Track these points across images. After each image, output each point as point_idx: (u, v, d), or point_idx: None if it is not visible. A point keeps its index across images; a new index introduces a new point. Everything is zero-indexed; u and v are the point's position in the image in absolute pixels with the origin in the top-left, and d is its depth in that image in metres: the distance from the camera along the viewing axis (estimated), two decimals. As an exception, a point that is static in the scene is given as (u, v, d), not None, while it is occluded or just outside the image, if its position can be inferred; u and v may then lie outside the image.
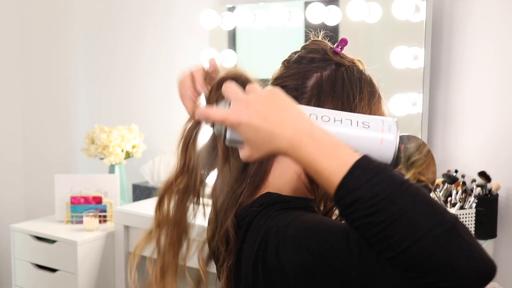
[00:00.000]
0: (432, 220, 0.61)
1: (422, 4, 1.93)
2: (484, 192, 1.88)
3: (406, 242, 0.60)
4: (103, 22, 2.96)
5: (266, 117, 0.68)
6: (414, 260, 0.60)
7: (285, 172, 0.86)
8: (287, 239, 0.73)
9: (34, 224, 2.45)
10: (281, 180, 0.86)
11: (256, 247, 0.77)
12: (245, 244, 0.81)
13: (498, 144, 1.97)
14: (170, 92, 2.71)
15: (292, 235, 0.73)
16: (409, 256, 0.60)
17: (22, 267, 2.42)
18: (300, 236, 0.73)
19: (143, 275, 0.89)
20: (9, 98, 3.14)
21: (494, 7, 1.94)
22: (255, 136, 0.69)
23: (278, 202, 0.82)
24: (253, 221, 0.81)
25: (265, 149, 0.69)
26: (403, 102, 1.96)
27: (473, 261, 0.60)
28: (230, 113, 0.70)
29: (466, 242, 0.61)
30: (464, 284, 0.60)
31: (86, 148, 2.59)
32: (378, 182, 0.63)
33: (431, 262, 0.60)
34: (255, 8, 2.30)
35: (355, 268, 0.65)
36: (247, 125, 0.68)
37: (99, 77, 3.01)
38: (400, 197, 0.62)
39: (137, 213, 2.22)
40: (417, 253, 0.60)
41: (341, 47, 0.91)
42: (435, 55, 2.02)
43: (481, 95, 1.99)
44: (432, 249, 0.60)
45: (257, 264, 0.76)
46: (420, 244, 0.60)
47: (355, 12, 2.01)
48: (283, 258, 0.73)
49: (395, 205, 0.62)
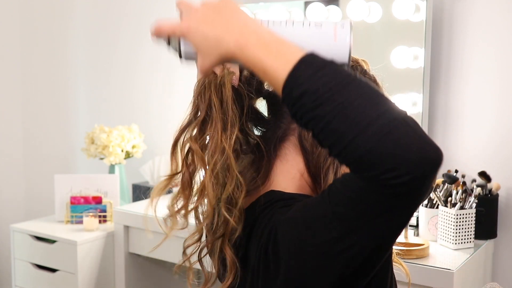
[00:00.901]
0: (377, 110, 0.61)
1: (422, 4, 1.93)
2: (484, 192, 1.88)
3: (352, 133, 0.60)
4: (103, 22, 2.96)
5: (213, 22, 0.69)
6: (360, 150, 0.60)
7: (288, 171, 0.86)
8: (282, 223, 0.74)
9: (34, 224, 2.45)
10: (284, 179, 0.86)
11: (261, 243, 0.77)
12: (251, 242, 0.81)
13: (498, 144, 1.97)
14: (170, 92, 2.71)
15: (286, 217, 0.74)
16: (355, 147, 0.60)
17: (22, 267, 2.42)
18: (292, 214, 0.74)
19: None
20: (9, 98, 3.14)
21: (494, 7, 1.94)
22: (204, 42, 0.70)
23: (281, 199, 0.81)
24: (257, 219, 0.81)
25: (215, 54, 0.70)
26: (403, 102, 1.96)
27: (419, 148, 0.60)
28: (180, 23, 0.72)
29: (412, 129, 0.60)
30: (412, 171, 0.60)
31: (86, 148, 2.59)
32: (323, 75, 0.63)
33: (377, 151, 0.59)
34: (255, 8, 2.30)
35: (329, 211, 0.67)
36: (196, 31, 0.70)
37: (99, 77, 3.01)
38: (346, 88, 0.62)
39: (137, 213, 2.22)
40: (364, 143, 0.60)
41: None
42: (435, 55, 2.02)
43: (481, 95, 1.99)
44: (378, 138, 0.59)
45: (262, 259, 0.77)
46: (365, 133, 0.60)
47: (355, 12, 2.01)
48: (280, 245, 0.73)
49: (340, 96, 0.62)
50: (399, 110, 0.62)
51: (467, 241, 1.80)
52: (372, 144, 0.60)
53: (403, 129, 0.60)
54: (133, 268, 2.34)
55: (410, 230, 1.85)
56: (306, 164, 0.86)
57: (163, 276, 2.47)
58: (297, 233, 0.71)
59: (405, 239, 1.78)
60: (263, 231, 0.78)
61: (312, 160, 0.86)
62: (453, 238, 1.78)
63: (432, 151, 0.61)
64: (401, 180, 0.60)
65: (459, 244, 1.79)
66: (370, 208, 0.64)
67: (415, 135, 0.60)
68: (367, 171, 0.61)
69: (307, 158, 0.86)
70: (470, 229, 1.80)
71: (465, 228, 1.79)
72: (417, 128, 0.61)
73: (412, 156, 0.59)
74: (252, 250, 0.80)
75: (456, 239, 1.79)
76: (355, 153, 0.61)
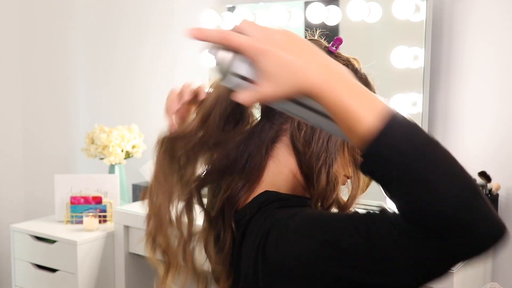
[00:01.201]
0: (460, 182, 0.60)
1: (422, 4, 1.93)
2: (484, 192, 1.88)
3: (433, 199, 0.59)
4: (103, 22, 2.96)
5: (298, 52, 0.64)
6: (438, 218, 0.59)
7: (281, 171, 0.87)
8: (289, 230, 0.73)
9: (34, 224, 2.45)
10: (277, 179, 0.86)
11: (256, 244, 0.77)
12: (244, 243, 0.81)
13: (498, 144, 1.97)
14: (170, 92, 2.71)
15: (294, 226, 0.73)
16: (434, 214, 0.59)
17: (22, 267, 2.42)
18: (304, 225, 0.72)
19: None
20: (9, 98, 3.14)
21: (494, 7, 1.94)
22: (282, 70, 0.63)
23: (277, 200, 0.82)
24: (251, 219, 0.81)
25: (291, 84, 0.63)
26: (403, 102, 1.96)
27: (491, 223, 0.60)
28: (253, 41, 0.63)
29: (486, 205, 0.61)
30: (481, 245, 0.60)
31: (86, 148, 2.59)
32: (413, 135, 0.62)
33: (455, 221, 0.59)
34: (255, 8, 2.30)
35: (365, 246, 0.64)
36: (274, 56, 0.63)
37: (99, 77, 3.01)
38: (432, 156, 0.62)
39: (137, 213, 2.22)
40: (442, 212, 0.59)
41: (336, 46, 0.91)
42: (435, 55, 2.02)
43: (481, 95, 1.99)
44: (458, 209, 0.59)
45: (257, 261, 0.76)
46: (446, 203, 0.59)
47: (355, 12, 2.01)
48: (283, 250, 0.72)
49: (427, 163, 0.61)
50: (474, 180, 0.62)
51: (467, 241, 1.80)
52: (452, 214, 0.59)
53: (479, 204, 0.60)
54: (133, 268, 2.34)
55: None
56: (299, 164, 0.87)
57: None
58: (307, 250, 0.70)
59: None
60: (258, 230, 0.78)
61: (304, 161, 0.86)
62: (453, 238, 1.78)
63: (501, 228, 0.61)
64: (465, 250, 0.61)
65: (459, 244, 1.79)
66: (410, 259, 0.63)
67: (488, 211, 0.61)
68: (437, 234, 0.60)
69: (299, 158, 0.86)
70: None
71: (465, 228, 1.79)
72: (488, 203, 0.62)
73: (485, 230, 0.60)
74: (245, 250, 0.80)
75: (456, 239, 1.79)
76: (431, 220, 0.60)
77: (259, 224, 0.78)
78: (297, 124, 0.86)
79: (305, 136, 0.85)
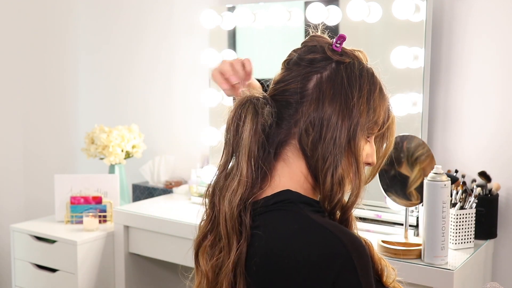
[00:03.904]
0: None
1: (422, 4, 1.93)
2: (484, 192, 1.88)
3: None
4: (103, 22, 2.96)
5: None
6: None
7: (293, 173, 0.90)
8: (352, 274, 0.79)
9: (34, 224, 2.45)
10: (291, 181, 0.90)
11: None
12: (258, 231, 0.86)
13: (498, 144, 1.97)
14: (170, 92, 2.71)
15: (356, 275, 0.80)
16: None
17: (22, 267, 2.41)
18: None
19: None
20: (9, 98, 3.14)
21: (494, 7, 1.94)
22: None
23: (302, 202, 0.87)
24: (270, 212, 0.86)
25: None
26: (403, 102, 1.96)
27: None
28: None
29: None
30: None
31: (86, 148, 2.59)
32: None
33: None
34: (255, 8, 2.30)
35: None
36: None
37: (99, 77, 3.01)
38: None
39: (137, 213, 2.22)
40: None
41: (339, 43, 0.91)
42: (435, 55, 2.02)
43: (481, 95, 1.99)
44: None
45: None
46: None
47: (355, 12, 2.00)
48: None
49: None
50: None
51: (467, 241, 1.80)
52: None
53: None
54: (133, 268, 2.34)
55: (410, 230, 1.85)
56: (308, 166, 0.90)
57: (163, 276, 2.47)
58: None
59: (405, 239, 1.78)
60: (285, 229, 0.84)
61: (312, 164, 0.89)
62: (453, 238, 1.78)
63: None
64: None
65: (459, 244, 1.79)
66: None
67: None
68: None
69: (307, 161, 0.90)
70: (470, 229, 1.80)
71: (465, 228, 1.79)
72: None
73: None
74: (258, 241, 0.86)
75: (456, 239, 1.79)
76: None
77: (285, 219, 0.85)
78: (305, 129, 0.88)
79: (312, 141, 0.88)
